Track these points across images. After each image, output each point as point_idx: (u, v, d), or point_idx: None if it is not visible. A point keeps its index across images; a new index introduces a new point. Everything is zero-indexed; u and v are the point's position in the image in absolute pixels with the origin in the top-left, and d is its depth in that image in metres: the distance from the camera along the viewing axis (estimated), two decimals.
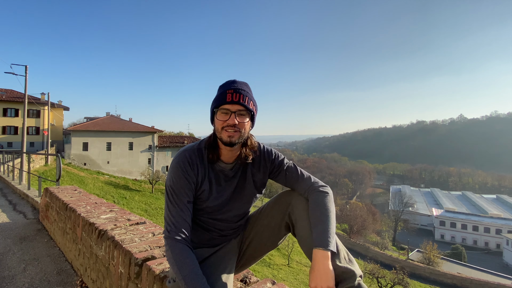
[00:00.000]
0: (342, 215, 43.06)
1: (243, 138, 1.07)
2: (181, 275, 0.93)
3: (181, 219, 1.02)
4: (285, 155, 1.24)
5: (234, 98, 1.02)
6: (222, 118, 1.04)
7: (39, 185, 5.44)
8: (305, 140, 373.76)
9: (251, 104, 1.05)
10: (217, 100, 1.05)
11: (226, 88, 1.05)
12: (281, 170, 1.19)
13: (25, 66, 15.82)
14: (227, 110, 1.03)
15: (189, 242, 1.01)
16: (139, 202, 23.16)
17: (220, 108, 1.04)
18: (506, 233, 42.18)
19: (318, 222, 1.00)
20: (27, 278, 2.38)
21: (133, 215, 2.37)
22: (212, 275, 1.01)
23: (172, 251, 0.97)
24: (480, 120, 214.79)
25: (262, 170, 1.19)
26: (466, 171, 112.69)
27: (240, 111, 1.03)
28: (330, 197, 1.09)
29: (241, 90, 1.04)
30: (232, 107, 1.02)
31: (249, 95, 1.05)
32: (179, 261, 0.95)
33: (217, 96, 1.06)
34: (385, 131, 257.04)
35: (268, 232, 1.18)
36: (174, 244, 0.98)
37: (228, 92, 1.03)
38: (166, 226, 1.03)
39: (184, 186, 1.04)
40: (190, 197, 1.06)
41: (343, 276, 0.98)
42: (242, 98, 1.03)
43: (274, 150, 1.22)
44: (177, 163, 1.06)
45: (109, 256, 1.76)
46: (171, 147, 36.78)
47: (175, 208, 1.03)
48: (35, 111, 30.78)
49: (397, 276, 18.58)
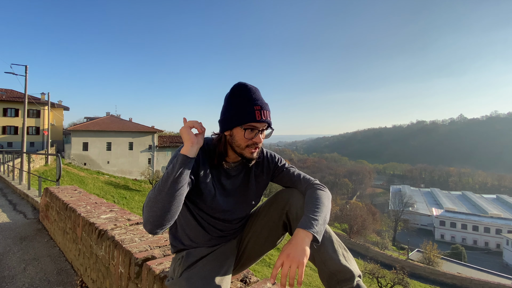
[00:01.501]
0: (342, 215, 43.09)
1: (259, 153, 1.09)
2: (164, 179, 0.89)
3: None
4: (285, 155, 1.26)
5: (264, 116, 0.99)
6: (248, 135, 1.01)
7: (39, 185, 5.45)
8: (305, 140, 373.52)
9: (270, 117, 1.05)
10: (243, 116, 0.99)
11: (252, 103, 1.00)
12: (283, 172, 1.21)
13: (25, 66, 15.82)
14: (254, 128, 1.00)
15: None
16: (139, 202, 23.16)
17: (247, 125, 1.00)
18: (506, 233, 42.15)
19: (308, 211, 0.99)
20: (27, 278, 2.38)
21: (133, 215, 2.38)
22: (208, 274, 0.99)
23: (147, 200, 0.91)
24: (480, 120, 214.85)
25: (265, 171, 1.21)
26: (466, 171, 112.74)
27: (264, 128, 1.03)
28: (326, 193, 1.09)
29: (266, 105, 1.02)
30: (260, 126, 1.01)
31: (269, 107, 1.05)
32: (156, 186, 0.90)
33: (242, 110, 1.00)
34: (385, 131, 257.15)
35: (266, 231, 1.18)
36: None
37: (256, 109, 0.99)
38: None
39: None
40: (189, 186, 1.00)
41: (342, 276, 0.98)
42: (268, 114, 1.02)
43: (276, 154, 1.25)
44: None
45: (109, 256, 1.76)
46: (171, 147, 36.76)
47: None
48: (35, 111, 30.79)
49: (397, 276, 18.55)
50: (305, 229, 0.91)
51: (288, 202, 1.12)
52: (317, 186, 1.12)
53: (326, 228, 1.06)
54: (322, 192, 1.08)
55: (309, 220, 0.95)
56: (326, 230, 1.05)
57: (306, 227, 0.92)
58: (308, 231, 0.91)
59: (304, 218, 0.96)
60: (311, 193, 1.08)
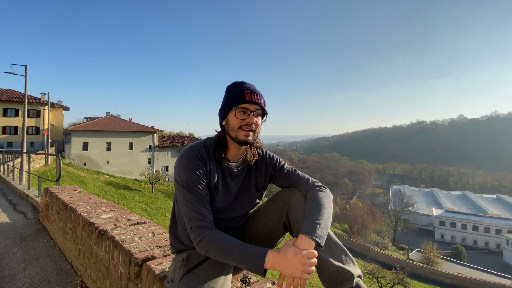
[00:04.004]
0: (342, 215, 43.04)
1: (255, 138, 1.09)
2: (236, 250, 0.90)
3: (206, 210, 1.01)
4: (285, 155, 1.26)
5: (254, 98, 1.03)
6: (240, 116, 1.04)
7: (39, 185, 5.44)
8: (305, 140, 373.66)
9: (265, 106, 1.08)
10: (235, 99, 1.04)
11: (242, 88, 1.05)
12: (282, 173, 1.21)
13: (25, 66, 15.80)
14: (246, 109, 1.03)
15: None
16: (139, 202, 23.15)
17: (238, 107, 1.04)
18: (506, 233, 42.15)
19: (310, 216, 0.99)
20: (27, 278, 2.38)
21: (133, 215, 2.37)
22: (208, 278, 0.99)
23: (215, 238, 0.94)
24: (480, 120, 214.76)
25: (264, 173, 1.21)
26: (466, 171, 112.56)
27: (257, 111, 1.06)
28: (327, 195, 1.09)
29: (257, 91, 1.06)
30: (251, 107, 1.04)
31: (262, 96, 1.08)
32: (226, 243, 0.92)
33: (234, 95, 1.05)
34: (385, 131, 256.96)
35: (266, 232, 1.18)
36: (212, 233, 0.96)
37: (246, 92, 1.04)
38: (192, 221, 0.99)
39: (199, 178, 1.02)
40: (207, 190, 1.05)
41: (341, 276, 0.99)
42: (260, 98, 1.05)
43: (275, 155, 1.25)
44: (187, 159, 1.04)
45: (109, 256, 1.76)
46: (171, 147, 36.77)
47: (196, 201, 1.00)
48: (35, 111, 30.77)
49: (397, 276, 18.56)
50: (308, 235, 0.91)
51: (288, 202, 1.12)
52: (318, 187, 1.12)
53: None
54: (323, 194, 1.08)
55: (310, 225, 0.94)
56: None
57: (308, 232, 0.92)
58: (310, 239, 0.91)
59: (306, 223, 0.96)
60: (312, 195, 1.08)
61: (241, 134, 1.04)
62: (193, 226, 0.98)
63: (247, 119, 1.04)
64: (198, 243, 0.96)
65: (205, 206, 1.01)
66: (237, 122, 1.04)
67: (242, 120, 1.04)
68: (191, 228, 0.98)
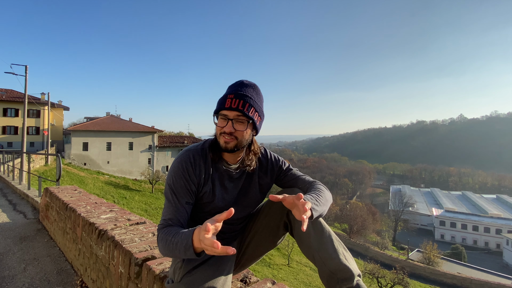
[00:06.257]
0: (342, 215, 43.10)
1: (241, 146, 1.04)
2: (171, 236, 0.90)
3: (176, 219, 1.00)
4: (285, 155, 1.27)
5: (233, 104, 0.97)
6: (220, 124, 1.02)
7: (39, 185, 5.45)
8: (305, 140, 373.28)
9: (252, 111, 1.00)
10: (218, 104, 1.01)
11: (230, 91, 1.01)
12: (287, 174, 1.22)
13: (25, 66, 15.82)
14: (225, 116, 1.00)
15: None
16: (139, 202, 23.17)
17: (220, 113, 1.01)
18: (506, 233, 42.16)
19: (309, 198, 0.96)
20: (27, 278, 2.38)
21: (133, 215, 2.37)
22: (209, 279, 0.99)
23: (160, 233, 0.96)
24: (480, 120, 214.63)
25: (269, 174, 1.21)
26: (466, 171, 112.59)
27: (238, 118, 0.99)
28: (328, 191, 1.11)
29: (244, 96, 0.99)
30: (230, 114, 0.98)
31: (252, 101, 1.00)
32: (168, 236, 0.92)
33: (220, 99, 1.02)
34: (385, 131, 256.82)
35: (267, 231, 1.18)
36: (160, 232, 0.97)
37: (229, 96, 0.99)
38: (161, 221, 1.02)
39: (183, 186, 1.02)
40: (189, 198, 1.04)
41: (342, 275, 0.98)
42: (242, 104, 0.98)
43: (280, 157, 1.26)
44: (179, 163, 1.04)
45: (109, 256, 1.76)
46: (171, 147, 36.81)
47: (172, 207, 1.01)
48: (35, 111, 30.79)
49: (397, 276, 18.54)
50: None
51: None
52: (319, 184, 1.15)
53: (325, 227, 1.07)
54: (323, 187, 1.11)
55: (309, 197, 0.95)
56: (326, 229, 1.06)
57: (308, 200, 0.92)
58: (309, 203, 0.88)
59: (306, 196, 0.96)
60: (313, 187, 1.10)
61: (221, 141, 1.02)
62: (158, 226, 1.01)
63: (224, 127, 1.00)
64: (157, 242, 0.99)
65: (177, 217, 1.00)
66: (217, 129, 1.04)
67: (221, 127, 1.01)
68: (157, 227, 1.03)
